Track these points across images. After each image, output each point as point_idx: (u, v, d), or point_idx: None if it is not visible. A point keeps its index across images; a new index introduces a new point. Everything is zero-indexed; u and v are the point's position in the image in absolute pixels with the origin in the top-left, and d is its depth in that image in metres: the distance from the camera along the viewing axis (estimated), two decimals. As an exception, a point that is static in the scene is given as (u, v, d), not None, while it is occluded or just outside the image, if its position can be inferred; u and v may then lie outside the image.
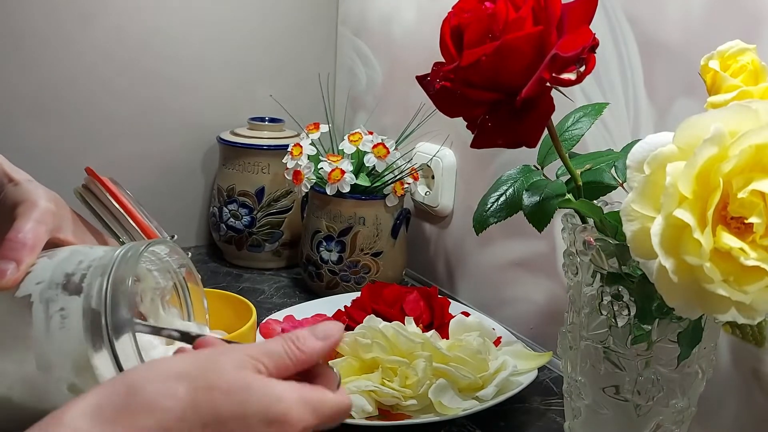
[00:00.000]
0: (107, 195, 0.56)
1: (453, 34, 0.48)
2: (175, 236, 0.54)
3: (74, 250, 0.47)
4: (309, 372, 0.41)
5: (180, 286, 0.51)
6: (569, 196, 0.53)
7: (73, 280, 0.43)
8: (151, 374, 0.37)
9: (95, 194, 0.57)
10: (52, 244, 0.49)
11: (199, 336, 0.44)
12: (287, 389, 0.38)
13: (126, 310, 0.42)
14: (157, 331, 0.47)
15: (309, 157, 0.93)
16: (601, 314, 0.53)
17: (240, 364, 0.38)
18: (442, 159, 0.96)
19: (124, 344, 0.42)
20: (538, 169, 0.59)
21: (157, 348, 0.49)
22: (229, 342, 0.44)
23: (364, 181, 0.92)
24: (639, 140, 0.46)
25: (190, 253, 0.53)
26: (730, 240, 0.40)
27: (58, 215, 0.49)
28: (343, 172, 0.89)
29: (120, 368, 0.42)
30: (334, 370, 0.41)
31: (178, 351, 0.43)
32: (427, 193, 1.00)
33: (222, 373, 0.37)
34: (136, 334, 0.43)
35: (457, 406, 0.66)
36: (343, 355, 0.72)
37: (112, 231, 0.55)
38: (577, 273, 0.56)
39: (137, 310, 0.50)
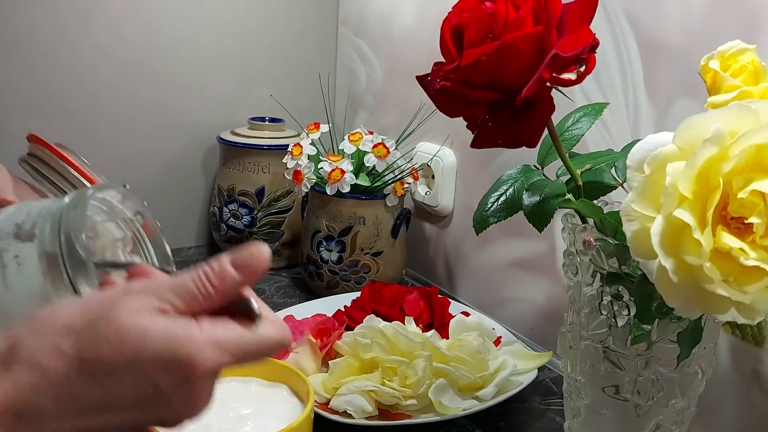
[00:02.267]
0: (54, 156, 0.55)
1: (453, 33, 0.48)
2: (127, 185, 0.50)
3: (21, 204, 0.45)
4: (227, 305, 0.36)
5: (139, 234, 0.48)
6: (569, 196, 0.53)
7: (25, 228, 0.42)
8: (35, 328, 0.34)
9: (42, 159, 0.56)
10: None
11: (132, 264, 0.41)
12: (193, 331, 0.34)
13: (81, 248, 0.40)
14: (114, 264, 0.44)
15: (309, 156, 0.93)
16: (601, 314, 0.53)
17: (137, 309, 0.34)
18: (442, 159, 0.96)
19: (83, 283, 0.40)
20: (538, 169, 0.59)
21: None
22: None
23: (364, 180, 0.92)
24: (639, 140, 0.46)
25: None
26: (730, 240, 0.40)
27: None
28: (343, 171, 0.89)
29: None
30: (252, 301, 0.36)
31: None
32: (427, 193, 1.00)
33: (113, 322, 0.33)
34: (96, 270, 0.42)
35: (456, 406, 0.66)
36: (343, 355, 0.72)
37: (63, 191, 0.54)
38: (577, 273, 0.56)
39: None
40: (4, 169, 0.52)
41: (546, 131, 0.51)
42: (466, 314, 0.82)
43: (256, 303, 0.36)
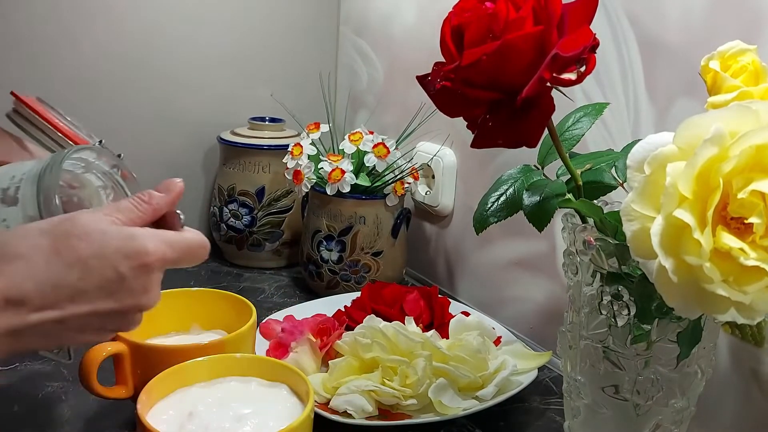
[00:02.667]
0: (34, 115, 0.60)
1: (453, 33, 0.48)
2: (103, 140, 0.59)
3: (7, 168, 0.51)
4: (160, 223, 0.47)
5: (118, 184, 0.55)
6: (569, 195, 0.53)
7: (9, 194, 0.48)
8: (19, 233, 0.42)
9: (24, 116, 0.61)
10: None
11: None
12: (140, 229, 0.44)
13: (56, 209, 0.47)
14: None
15: (309, 156, 0.93)
16: (601, 314, 0.53)
17: (95, 218, 0.43)
18: (442, 159, 0.96)
19: None
20: (538, 168, 0.59)
21: None
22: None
23: (364, 180, 0.92)
24: (639, 140, 0.46)
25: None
26: (730, 240, 0.40)
27: None
28: (343, 171, 0.89)
29: None
30: (180, 216, 0.48)
31: None
32: (428, 193, 1.00)
33: (78, 224, 0.42)
34: None
35: (456, 406, 0.66)
36: (343, 355, 0.72)
37: (45, 145, 0.60)
38: (577, 273, 0.56)
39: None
40: None
41: (546, 131, 0.51)
42: (466, 314, 0.82)
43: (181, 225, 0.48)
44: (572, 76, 0.46)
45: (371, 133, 0.94)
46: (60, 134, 0.60)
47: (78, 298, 0.41)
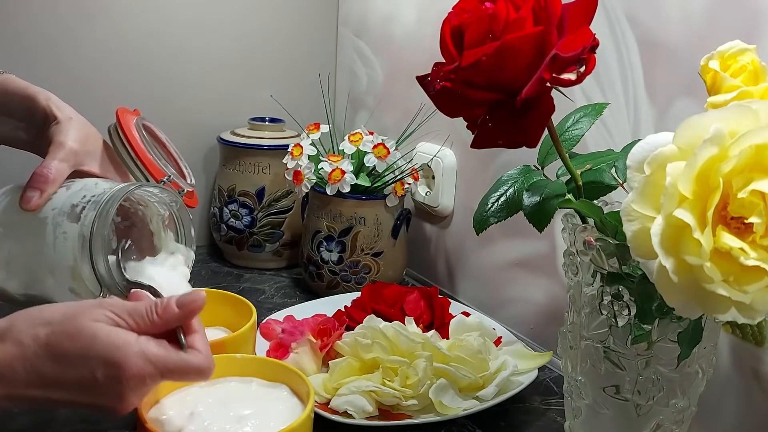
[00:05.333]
0: (124, 140, 0.65)
1: (453, 34, 0.48)
2: (170, 175, 0.66)
3: (85, 184, 0.59)
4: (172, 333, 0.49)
5: (175, 215, 0.62)
6: (569, 196, 0.53)
7: (76, 211, 0.56)
8: (27, 317, 0.47)
9: (118, 134, 0.66)
10: (81, 173, 0.61)
11: (135, 285, 0.56)
12: (130, 341, 0.46)
13: (105, 238, 0.55)
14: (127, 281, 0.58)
15: (309, 157, 0.93)
16: (602, 314, 0.53)
17: (96, 318, 0.46)
18: (442, 159, 0.96)
19: (100, 262, 0.55)
20: (538, 169, 0.59)
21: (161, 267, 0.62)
22: (155, 294, 0.54)
23: (364, 181, 0.92)
24: (639, 140, 0.46)
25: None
26: (730, 240, 0.40)
27: (82, 153, 0.61)
28: (343, 172, 0.89)
29: (98, 279, 0.56)
30: (181, 335, 0.48)
31: (132, 296, 0.53)
32: (428, 193, 1.00)
33: (76, 323, 0.46)
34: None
35: (457, 406, 0.66)
36: (343, 355, 0.72)
37: (129, 167, 0.66)
38: (577, 273, 0.56)
39: (148, 228, 0.63)
40: (100, 143, 0.64)
41: (546, 131, 0.51)
42: (467, 314, 0.82)
43: (195, 338, 0.49)
44: (572, 76, 0.46)
45: (371, 133, 0.94)
46: (140, 162, 0.65)
47: (59, 387, 0.46)
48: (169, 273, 0.61)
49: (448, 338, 0.76)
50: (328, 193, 0.90)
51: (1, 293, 0.61)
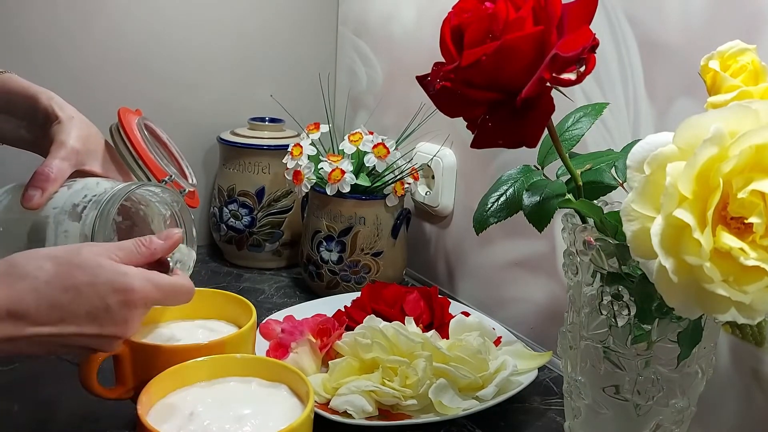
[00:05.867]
0: (126, 140, 0.66)
1: (453, 34, 0.48)
2: (172, 175, 0.66)
3: (86, 184, 0.59)
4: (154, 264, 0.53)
5: (176, 215, 0.63)
6: (569, 196, 0.53)
7: (77, 210, 0.57)
8: (28, 254, 0.48)
9: (120, 134, 0.66)
10: (82, 172, 0.61)
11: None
12: (132, 269, 0.49)
13: (107, 237, 0.56)
14: None
15: (309, 157, 0.93)
16: (601, 314, 0.53)
17: (97, 253, 0.49)
18: (442, 159, 0.96)
19: None
20: (538, 169, 0.59)
21: None
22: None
23: (364, 181, 0.92)
24: (639, 140, 0.46)
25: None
26: (730, 240, 0.40)
27: (84, 152, 0.61)
28: (343, 172, 0.89)
29: None
30: (169, 261, 0.55)
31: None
32: (428, 193, 1.00)
33: (80, 255, 0.48)
34: None
35: (457, 406, 0.66)
36: (343, 355, 0.72)
37: (130, 167, 0.66)
38: (577, 273, 0.56)
39: (149, 228, 0.64)
40: (102, 143, 0.65)
41: (546, 131, 0.51)
42: (467, 314, 0.82)
43: (174, 269, 0.55)
44: (572, 76, 0.46)
45: (371, 133, 0.94)
46: (142, 161, 0.66)
47: (68, 319, 0.47)
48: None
49: (447, 338, 0.76)
50: (328, 193, 0.90)
51: None
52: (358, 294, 0.87)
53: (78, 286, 0.47)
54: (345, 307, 0.85)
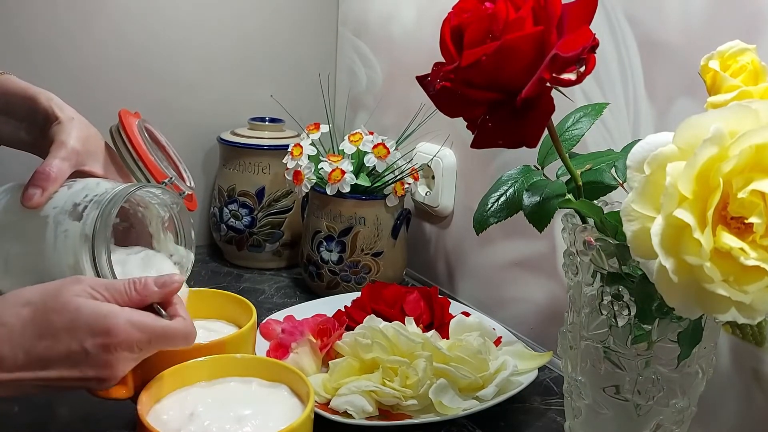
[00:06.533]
0: (127, 142, 0.66)
1: (453, 34, 0.48)
2: (172, 177, 0.66)
3: (86, 184, 0.59)
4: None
5: (175, 217, 0.62)
6: (569, 196, 0.53)
7: (77, 210, 0.56)
8: (5, 300, 0.47)
9: (121, 135, 0.66)
10: (82, 173, 0.61)
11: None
12: (115, 310, 0.47)
13: (108, 239, 0.55)
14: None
15: (309, 157, 0.93)
16: (602, 314, 0.53)
17: (76, 293, 0.47)
18: (442, 159, 0.96)
19: (102, 262, 0.55)
20: (538, 169, 0.59)
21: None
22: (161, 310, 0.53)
23: (364, 181, 0.92)
24: (639, 140, 0.46)
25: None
26: (730, 240, 0.40)
27: (84, 153, 0.60)
28: (343, 172, 0.89)
29: (98, 278, 0.54)
30: (160, 308, 0.50)
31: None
32: (428, 193, 1.00)
33: (59, 298, 0.46)
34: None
35: (457, 406, 0.66)
36: (343, 355, 0.72)
37: (130, 168, 0.66)
38: (577, 273, 0.56)
39: (147, 230, 0.63)
40: (102, 144, 0.64)
41: (546, 131, 0.51)
42: (467, 314, 0.82)
43: (176, 308, 0.51)
44: (572, 76, 0.46)
45: (371, 133, 0.94)
46: (142, 163, 0.65)
47: (48, 365, 0.46)
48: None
49: (448, 338, 0.76)
50: (328, 193, 0.90)
51: None
52: (358, 294, 0.87)
53: (55, 332, 0.46)
54: (345, 307, 0.85)
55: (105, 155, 0.64)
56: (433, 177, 0.98)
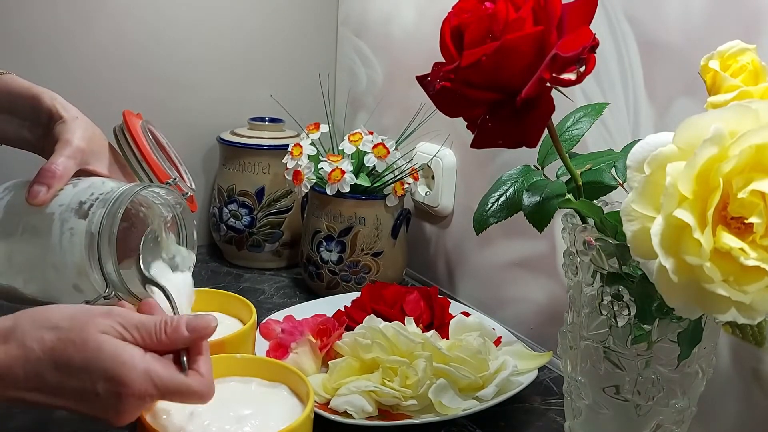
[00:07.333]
0: (132, 142, 0.66)
1: (453, 34, 0.48)
2: (175, 178, 0.67)
3: (92, 182, 0.59)
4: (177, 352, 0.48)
5: (178, 218, 0.62)
6: (569, 196, 0.53)
7: (84, 208, 0.56)
8: (32, 319, 0.46)
9: (125, 136, 0.67)
10: (86, 172, 0.61)
11: (144, 297, 0.55)
12: (135, 358, 0.45)
13: (113, 236, 0.55)
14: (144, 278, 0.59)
15: (309, 157, 0.93)
16: (601, 314, 0.53)
17: (103, 330, 0.46)
18: (442, 159, 0.96)
19: (108, 261, 0.55)
20: (538, 169, 0.59)
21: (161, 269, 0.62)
22: (173, 312, 0.54)
23: (364, 181, 0.92)
24: (639, 140, 0.46)
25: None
26: (730, 240, 0.40)
27: (88, 152, 0.61)
28: (343, 172, 0.89)
29: (104, 276, 0.55)
30: (184, 359, 0.48)
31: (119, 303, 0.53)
32: (428, 193, 1.00)
33: (84, 332, 0.45)
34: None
35: (457, 406, 0.66)
36: (343, 356, 0.72)
37: (133, 169, 0.67)
38: (577, 273, 0.56)
39: (151, 227, 0.62)
40: (106, 144, 0.64)
41: (546, 131, 0.51)
42: (467, 314, 0.82)
43: (199, 362, 0.48)
44: (572, 76, 0.46)
45: (371, 133, 0.94)
46: (146, 163, 0.66)
47: (57, 394, 0.46)
48: (170, 275, 0.61)
49: (447, 338, 0.76)
50: (328, 193, 0.90)
51: (2, 290, 0.61)
52: (358, 294, 0.87)
53: (70, 367, 0.45)
54: (345, 307, 0.85)
55: (109, 155, 0.64)
56: (433, 177, 0.98)
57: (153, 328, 0.47)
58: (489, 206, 0.58)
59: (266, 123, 1.06)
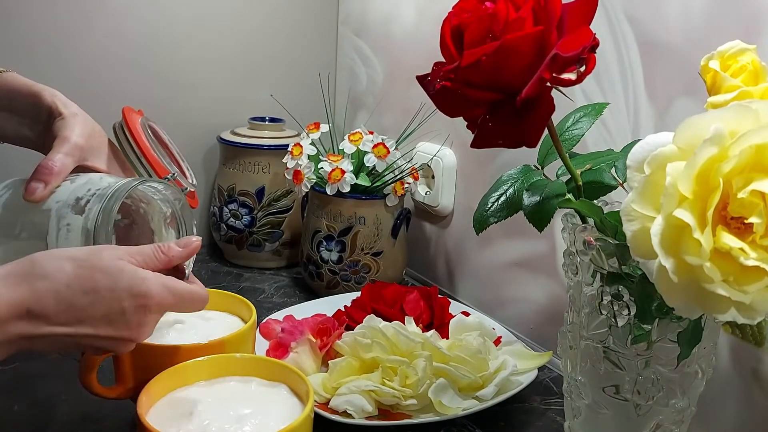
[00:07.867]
0: (131, 138, 0.66)
1: (453, 34, 0.48)
2: (174, 173, 0.67)
3: (90, 178, 0.59)
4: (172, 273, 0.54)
5: (177, 213, 0.63)
6: (569, 196, 0.53)
7: (80, 204, 0.56)
8: (49, 254, 0.48)
9: (124, 132, 0.67)
10: (85, 168, 0.61)
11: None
12: (151, 274, 0.50)
13: (109, 234, 0.55)
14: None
15: (309, 156, 0.93)
16: (601, 314, 0.53)
17: (117, 256, 0.49)
18: (442, 159, 0.96)
19: None
20: (538, 169, 0.59)
21: None
22: None
23: (364, 180, 0.92)
24: (639, 140, 0.46)
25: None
26: (730, 240, 0.40)
27: (87, 148, 0.61)
28: (343, 171, 0.89)
29: None
30: (186, 270, 0.56)
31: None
32: (428, 193, 1.00)
33: (102, 260, 0.49)
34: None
35: (457, 406, 0.66)
36: (343, 355, 0.72)
37: (133, 164, 0.67)
38: (577, 273, 0.56)
39: (149, 226, 0.63)
40: (105, 140, 0.65)
41: (546, 131, 0.51)
42: (466, 314, 0.82)
43: (192, 277, 0.57)
44: (572, 76, 0.46)
45: (371, 133, 0.94)
46: (145, 159, 0.66)
47: (85, 321, 0.47)
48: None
49: (447, 338, 0.76)
50: (328, 192, 0.90)
51: None
52: (358, 294, 0.87)
53: (98, 290, 0.47)
54: (345, 306, 0.85)
55: (108, 151, 0.64)
56: (433, 177, 0.98)
57: (151, 252, 0.52)
58: (489, 206, 0.58)
59: (266, 123, 1.06)
